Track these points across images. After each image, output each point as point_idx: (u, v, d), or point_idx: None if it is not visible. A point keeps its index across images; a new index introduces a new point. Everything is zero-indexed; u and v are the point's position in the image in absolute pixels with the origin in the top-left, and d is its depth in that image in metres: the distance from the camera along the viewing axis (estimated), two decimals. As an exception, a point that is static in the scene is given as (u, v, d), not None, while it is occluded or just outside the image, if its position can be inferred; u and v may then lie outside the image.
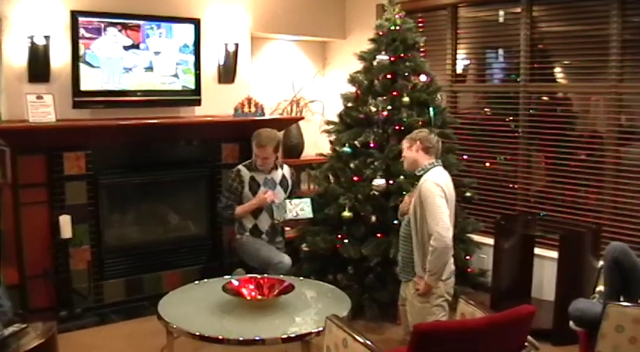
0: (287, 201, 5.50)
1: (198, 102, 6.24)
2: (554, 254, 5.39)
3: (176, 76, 6.03)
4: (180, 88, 6.09)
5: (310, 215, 5.52)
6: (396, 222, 5.06)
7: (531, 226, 5.91)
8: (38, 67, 5.44)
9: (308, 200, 5.51)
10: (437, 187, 4.15)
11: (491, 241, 5.86)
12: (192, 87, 6.16)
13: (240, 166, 5.59)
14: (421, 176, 4.29)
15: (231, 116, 6.38)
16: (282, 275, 4.92)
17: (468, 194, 5.79)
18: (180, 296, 4.60)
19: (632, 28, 5.40)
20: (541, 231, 5.84)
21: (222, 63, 6.48)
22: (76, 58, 5.54)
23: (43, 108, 5.39)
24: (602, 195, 5.66)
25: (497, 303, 5.44)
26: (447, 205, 4.17)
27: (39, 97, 5.39)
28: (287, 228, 5.92)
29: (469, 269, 5.85)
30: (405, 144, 4.44)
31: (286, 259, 5.37)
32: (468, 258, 5.84)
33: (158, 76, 5.95)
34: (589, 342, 4.19)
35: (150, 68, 5.91)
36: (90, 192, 5.72)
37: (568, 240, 5.26)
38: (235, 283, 4.46)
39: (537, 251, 5.82)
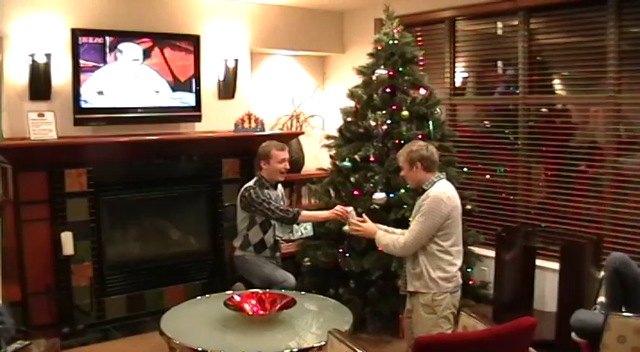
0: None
1: (198, 119, 6.26)
2: (556, 265, 5.38)
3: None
4: (180, 105, 6.12)
5: (312, 233, 5.60)
6: (346, 228, 5.00)
7: (532, 238, 5.89)
8: (39, 84, 5.47)
9: None
10: (440, 204, 4.15)
11: (492, 253, 5.83)
12: (193, 103, 6.17)
13: (252, 185, 5.41)
14: (427, 190, 4.26)
15: (231, 131, 6.40)
16: (283, 290, 4.90)
17: (469, 206, 5.76)
18: (182, 311, 4.59)
19: (629, 38, 5.42)
20: (542, 243, 5.81)
21: (222, 78, 6.51)
22: (76, 75, 5.55)
23: (45, 126, 5.42)
24: (603, 206, 5.65)
25: (499, 315, 5.42)
26: (449, 216, 4.17)
27: (40, 115, 5.42)
28: (282, 243, 5.86)
29: (471, 282, 5.83)
30: (404, 165, 4.36)
31: (290, 278, 5.33)
32: (469, 270, 5.82)
33: (159, 92, 5.99)
34: (591, 353, 4.18)
35: (151, 85, 5.95)
36: (91, 208, 5.72)
37: (569, 251, 5.24)
38: (237, 298, 4.44)
39: (539, 262, 5.80)
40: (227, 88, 6.55)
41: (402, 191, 5.33)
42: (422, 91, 5.85)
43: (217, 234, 6.42)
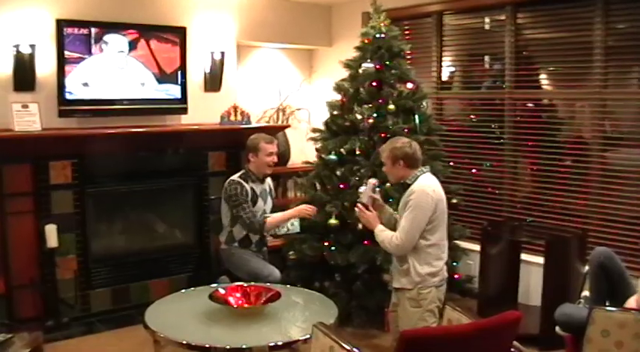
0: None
1: (184, 111, 6.24)
2: (541, 259, 5.38)
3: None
4: (166, 97, 6.10)
5: (298, 229, 5.54)
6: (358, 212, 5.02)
7: (518, 232, 5.92)
8: (24, 75, 5.43)
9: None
10: (427, 197, 4.15)
11: (477, 247, 5.85)
12: (179, 96, 6.16)
13: (237, 179, 5.40)
14: (411, 184, 4.26)
15: (217, 124, 6.37)
16: (269, 284, 4.89)
17: (455, 200, 5.76)
18: (167, 304, 4.57)
19: (615, 34, 5.44)
20: (527, 237, 5.83)
21: (208, 71, 6.48)
22: (61, 66, 5.52)
23: (29, 117, 5.38)
24: (588, 201, 5.68)
25: (484, 309, 5.44)
26: (435, 209, 4.18)
27: (24, 106, 5.38)
28: (269, 238, 5.86)
29: (456, 276, 5.85)
30: (386, 161, 4.35)
31: (276, 272, 5.29)
32: (454, 264, 5.84)
33: (145, 84, 5.97)
34: (575, 347, 4.18)
35: (137, 77, 5.92)
36: (76, 201, 5.70)
37: (554, 246, 5.26)
38: (222, 291, 4.43)
39: (524, 256, 5.82)
40: (213, 81, 6.52)
41: (388, 185, 5.31)
42: (409, 85, 5.85)
43: (203, 227, 6.41)
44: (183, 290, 4.95)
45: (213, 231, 6.26)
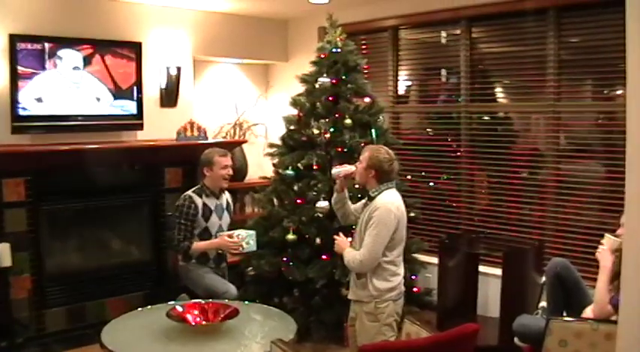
0: (234, 234, 5.30)
1: (140, 127, 6.19)
2: (499, 271, 5.41)
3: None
4: (122, 113, 6.04)
5: (254, 248, 5.36)
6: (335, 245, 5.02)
7: (475, 244, 5.96)
8: (-25, 92, 5.35)
9: (253, 233, 5.34)
10: (390, 214, 4.14)
11: (436, 260, 5.85)
12: (134, 112, 6.11)
13: (190, 193, 5.37)
14: (374, 197, 4.24)
15: (173, 140, 6.33)
16: (226, 301, 4.85)
17: (412, 214, 5.76)
18: (123, 323, 4.49)
19: (567, 48, 5.53)
20: (485, 249, 5.89)
21: (164, 86, 6.45)
22: (14, 82, 5.45)
23: (-20, 134, 5.29)
24: (544, 212, 5.73)
25: (443, 322, 5.45)
26: (397, 227, 4.18)
27: (-24, 123, 5.29)
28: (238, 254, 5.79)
29: (415, 289, 5.87)
30: (363, 161, 4.28)
31: (232, 289, 5.26)
32: (413, 277, 5.85)
33: (100, 100, 5.91)
34: (534, 357, 4.23)
35: (92, 92, 5.86)
36: (30, 218, 5.60)
37: (511, 257, 5.31)
38: (179, 309, 4.37)
39: (482, 268, 5.84)
40: (169, 96, 6.49)
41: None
42: (365, 99, 5.87)
43: (160, 244, 6.35)
44: (140, 308, 4.86)
45: (170, 247, 6.18)
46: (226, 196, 5.61)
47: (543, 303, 4.67)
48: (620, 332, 2.11)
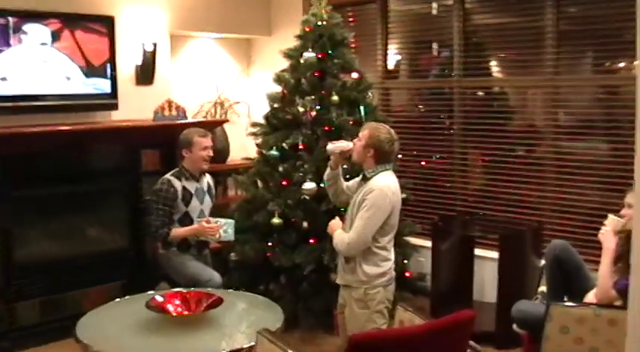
0: (212, 220, 5.31)
1: (114, 107, 6.12)
2: (495, 254, 5.44)
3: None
4: (94, 92, 5.97)
5: (232, 238, 5.36)
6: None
7: (470, 226, 5.99)
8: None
9: (232, 222, 5.34)
10: (386, 199, 4.14)
11: (429, 244, 5.89)
12: (108, 90, 6.04)
13: (168, 176, 5.35)
14: (370, 178, 4.24)
15: (150, 120, 6.26)
16: (210, 289, 4.82)
17: (404, 195, 5.73)
18: (100, 315, 4.44)
19: (567, 18, 5.52)
20: (480, 231, 5.94)
21: (139, 63, 6.39)
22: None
23: (-57, 117, 5.22)
24: (543, 192, 5.75)
25: (437, 308, 5.48)
26: (391, 212, 4.19)
27: (-63, 105, 5.21)
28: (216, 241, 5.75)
29: (407, 274, 5.85)
30: (362, 139, 4.27)
31: (216, 276, 5.25)
32: (405, 261, 5.84)
33: (71, 78, 5.83)
34: (533, 345, 4.22)
35: (61, 70, 5.78)
36: (-2, 206, 5.54)
37: (508, 240, 5.33)
38: (160, 299, 4.34)
39: (477, 252, 5.85)
40: (145, 74, 6.43)
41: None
42: (353, 75, 5.85)
43: (138, 231, 6.28)
44: (117, 299, 4.83)
45: (148, 234, 6.13)
46: (207, 179, 5.59)
47: (543, 288, 4.68)
48: (632, 319, 2.08)
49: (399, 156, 6.13)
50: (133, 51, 6.35)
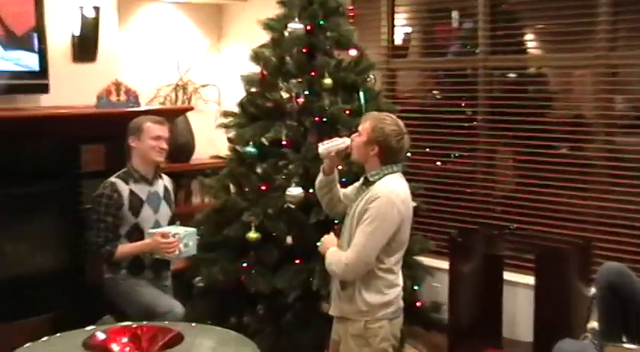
0: (170, 232, 5.23)
1: (44, 88, 6.07)
2: (530, 279, 5.48)
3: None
4: (16, 69, 5.91)
5: (194, 251, 5.36)
6: (319, 243, 4.96)
7: (498, 243, 5.96)
8: None
9: (194, 232, 5.32)
10: (393, 208, 4.09)
11: (446, 265, 5.92)
12: (36, 67, 5.99)
13: (112, 179, 5.30)
14: (374, 182, 4.20)
15: (92, 107, 6.23)
16: (167, 322, 4.79)
17: (414, 203, 5.67)
18: (25, 357, 4.40)
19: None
20: (511, 250, 5.92)
21: (77, 34, 6.33)
22: None
23: None
24: (592, 200, 5.74)
25: (456, 346, 5.54)
26: (399, 226, 4.13)
27: None
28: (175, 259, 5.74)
29: (418, 303, 5.83)
30: (363, 133, 4.22)
31: (177, 307, 5.21)
32: (416, 287, 5.83)
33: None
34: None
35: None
36: None
37: (547, 261, 5.33)
38: (101, 336, 4.26)
39: (507, 276, 5.87)
40: (85, 47, 6.38)
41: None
42: (351, 52, 5.86)
43: (77, 248, 6.23)
44: (45, 338, 4.69)
45: (90, 252, 6.00)
46: (164, 182, 5.55)
47: (594, 324, 4.64)
48: None
49: (408, 154, 6.09)
50: (69, 17, 6.30)
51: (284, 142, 5.61)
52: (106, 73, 6.41)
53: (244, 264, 5.58)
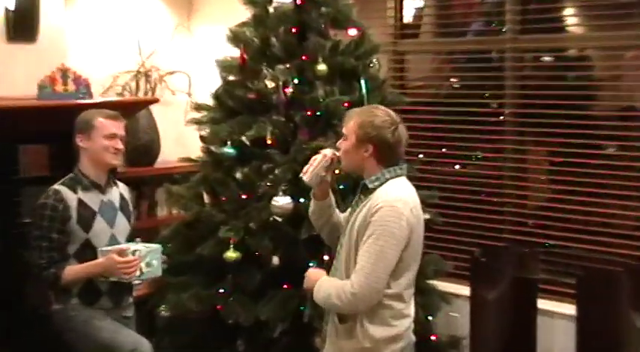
0: (128, 250, 5.12)
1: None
2: (571, 309, 5.47)
3: None
4: None
5: (159, 272, 5.27)
6: (312, 263, 5.00)
7: (531, 264, 5.86)
8: None
9: (158, 248, 5.24)
10: (401, 219, 3.99)
11: (466, 290, 5.92)
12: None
13: (56, 186, 5.16)
14: (374, 190, 4.11)
15: (33, 98, 6.13)
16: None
17: (427, 215, 5.58)
18: None
19: None
20: (546, 272, 5.97)
21: (12, 7, 6.25)
22: None
23: None
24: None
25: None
26: (409, 239, 4.04)
27: None
28: (136, 282, 5.56)
29: (433, 337, 5.83)
30: (349, 135, 4.18)
31: (144, 345, 5.09)
32: (430, 318, 5.80)
33: None
34: None
35: None
36: None
37: (592, 285, 5.31)
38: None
39: (542, 304, 5.82)
40: (23, 24, 6.31)
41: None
42: (350, 32, 5.83)
43: (14, 272, 6.06)
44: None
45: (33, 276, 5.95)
46: (120, 189, 5.44)
47: None
48: None
49: (420, 156, 6.14)
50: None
51: (269, 141, 5.59)
52: (49, 56, 6.34)
53: (221, 290, 5.59)
